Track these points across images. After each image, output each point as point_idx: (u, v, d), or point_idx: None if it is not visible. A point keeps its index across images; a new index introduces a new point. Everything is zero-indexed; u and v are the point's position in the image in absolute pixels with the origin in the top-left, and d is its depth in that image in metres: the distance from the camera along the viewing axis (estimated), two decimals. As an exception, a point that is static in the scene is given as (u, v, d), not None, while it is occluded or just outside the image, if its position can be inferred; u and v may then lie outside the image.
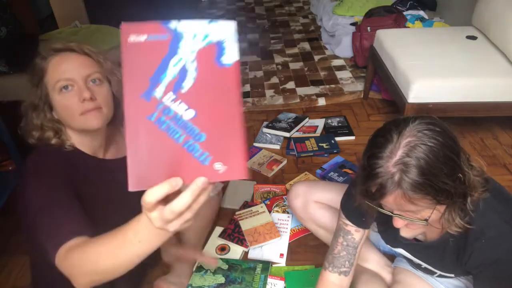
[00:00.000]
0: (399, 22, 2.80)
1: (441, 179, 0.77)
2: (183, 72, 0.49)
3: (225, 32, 0.49)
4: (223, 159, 0.49)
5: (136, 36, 0.47)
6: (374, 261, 1.32)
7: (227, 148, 0.49)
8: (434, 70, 1.95)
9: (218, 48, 0.48)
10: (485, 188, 0.86)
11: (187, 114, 0.49)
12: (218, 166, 0.49)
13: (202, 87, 0.49)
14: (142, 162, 0.48)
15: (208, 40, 0.48)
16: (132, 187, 0.48)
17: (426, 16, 2.99)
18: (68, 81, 0.98)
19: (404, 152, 0.77)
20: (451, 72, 1.94)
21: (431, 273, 1.12)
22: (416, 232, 0.96)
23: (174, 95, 0.48)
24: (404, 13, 2.97)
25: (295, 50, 3.45)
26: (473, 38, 2.25)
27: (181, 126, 0.48)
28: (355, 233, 1.06)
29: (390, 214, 0.86)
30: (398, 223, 0.87)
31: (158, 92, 0.48)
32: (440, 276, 1.12)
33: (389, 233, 1.09)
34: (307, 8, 4.45)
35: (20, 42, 2.44)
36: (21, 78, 2.34)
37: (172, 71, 0.48)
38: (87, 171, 1.06)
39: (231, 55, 0.49)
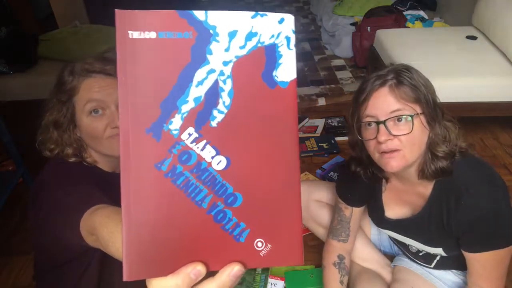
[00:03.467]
0: (399, 22, 2.81)
1: (423, 90, 0.91)
2: (212, 94, 0.32)
3: (280, 31, 0.32)
4: (267, 234, 0.33)
5: (141, 31, 0.31)
6: (374, 261, 1.33)
7: (274, 219, 0.33)
8: (434, 70, 1.95)
9: (269, 56, 0.32)
10: (459, 132, 0.96)
11: (217, 163, 0.32)
12: (260, 246, 0.33)
13: (241, 120, 0.32)
14: (145, 237, 0.31)
15: (253, 43, 0.32)
16: (129, 276, 0.31)
17: (426, 16, 3.00)
18: (100, 105, 0.93)
19: (393, 67, 0.94)
20: (451, 72, 1.95)
21: (428, 261, 1.16)
22: (400, 162, 0.92)
23: (198, 132, 0.32)
24: (404, 13, 2.98)
25: (295, 50, 3.46)
26: (473, 38, 2.25)
27: (206, 181, 0.32)
28: (345, 210, 1.22)
29: (376, 123, 0.92)
30: (382, 135, 0.91)
31: (174, 125, 0.31)
32: (436, 266, 1.15)
33: (378, 214, 1.16)
34: (307, 8, 4.45)
35: (20, 42, 2.45)
36: (21, 78, 2.37)
37: (195, 92, 0.32)
38: (106, 186, 1.00)
39: (289, 69, 0.33)
